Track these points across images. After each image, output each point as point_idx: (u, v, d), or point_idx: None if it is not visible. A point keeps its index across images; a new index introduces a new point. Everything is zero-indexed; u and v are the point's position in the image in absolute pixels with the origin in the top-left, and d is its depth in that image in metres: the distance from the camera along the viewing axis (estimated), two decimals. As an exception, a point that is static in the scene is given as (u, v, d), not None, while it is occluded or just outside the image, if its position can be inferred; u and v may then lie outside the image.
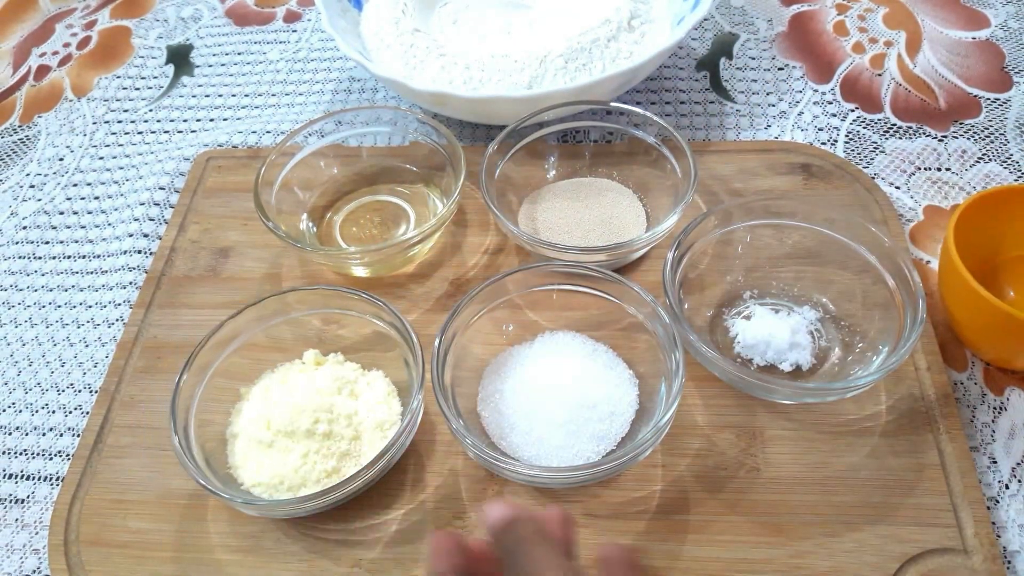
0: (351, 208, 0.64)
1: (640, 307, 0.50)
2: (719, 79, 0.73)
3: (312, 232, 0.62)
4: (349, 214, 0.64)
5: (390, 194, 0.65)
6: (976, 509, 0.46)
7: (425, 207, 0.64)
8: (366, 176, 0.66)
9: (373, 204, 0.65)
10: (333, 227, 0.63)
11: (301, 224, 0.62)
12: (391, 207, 0.64)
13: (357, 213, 0.64)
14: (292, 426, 0.48)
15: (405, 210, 0.64)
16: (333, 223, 0.63)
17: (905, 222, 0.61)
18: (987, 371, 0.53)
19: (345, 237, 0.62)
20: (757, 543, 0.46)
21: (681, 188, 0.57)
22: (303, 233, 0.62)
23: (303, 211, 0.63)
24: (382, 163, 0.66)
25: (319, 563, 0.47)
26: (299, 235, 0.61)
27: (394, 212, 0.64)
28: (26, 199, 0.71)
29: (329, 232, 0.63)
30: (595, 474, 0.45)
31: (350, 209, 0.64)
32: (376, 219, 0.63)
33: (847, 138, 0.67)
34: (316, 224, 0.63)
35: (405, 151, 0.65)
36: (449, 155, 0.60)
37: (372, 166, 0.66)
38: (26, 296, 0.64)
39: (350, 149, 0.65)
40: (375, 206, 0.64)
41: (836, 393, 0.47)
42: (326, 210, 0.64)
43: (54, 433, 0.56)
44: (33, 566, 0.50)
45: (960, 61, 0.72)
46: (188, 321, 0.59)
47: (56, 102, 0.80)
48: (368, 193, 0.65)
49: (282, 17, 0.86)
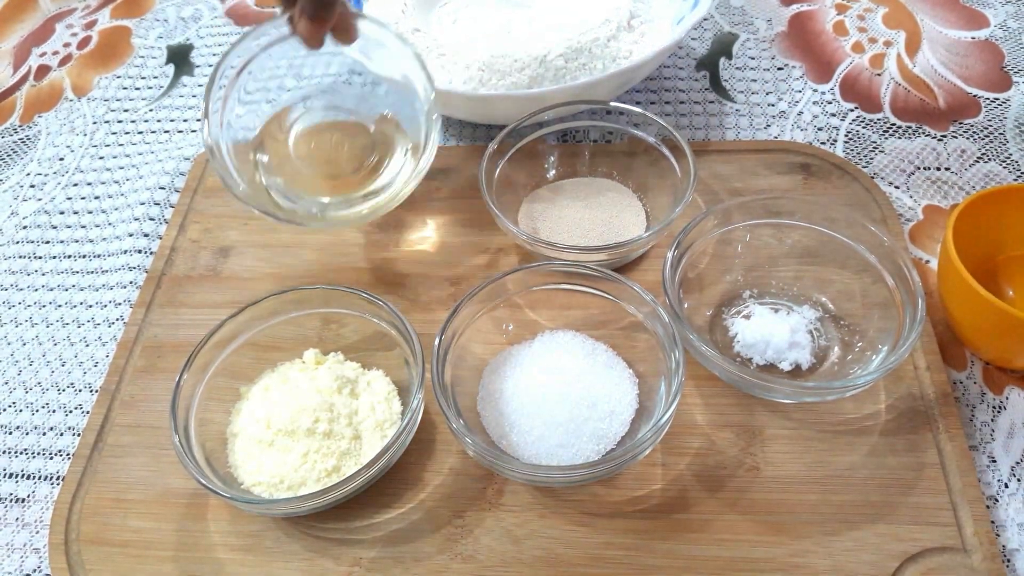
0: (306, 126, 0.56)
1: (640, 306, 0.50)
2: (719, 79, 0.73)
3: (262, 161, 0.54)
4: (304, 133, 0.56)
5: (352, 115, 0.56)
6: (975, 508, 0.46)
7: (390, 146, 0.56)
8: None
9: (333, 124, 0.56)
10: (286, 145, 0.55)
11: (249, 157, 0.54)
12: (353, 130, 0.56)
13: (313, 133, 0.56)
14: (292, 425, 0.48)
15: (368, 133, 0.56)
16: (286, 142, 0.55)
17: (904, 221, 0.61)
18: (986, 370, 0.53)
19: (301, 157, 0.55)
20: (757, 542, 0.46)
21: (681, 188, 0.57)
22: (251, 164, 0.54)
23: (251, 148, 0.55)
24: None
25: (319, 562, 0.47)
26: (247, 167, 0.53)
27: (356, 137, 0.56)
28: (26, 199, 0.71)
29: (285, 162, 0.55)
30: (594, 473, 0.45)
31: (304, 127, 0.56)
32: (337, 139, 0.56)
33: (847, 138, 0.67)
34: (266, 152, 0.55)
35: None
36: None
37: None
38: (26, 296, 0.64)
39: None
40: (335, 126, 0.56)
41: (835, 392, 0.47)
42: (274, 136, 0.55)
43: (54, 432, 0.56)
44: (33, 565, 0.50)
45: (959, 61, 0.72)
46: (188, 321, 0.59)
47: (56, 102, 0.80)
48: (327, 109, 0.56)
49: (282, 17, 0.86)
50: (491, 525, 0.48)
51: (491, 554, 0.47)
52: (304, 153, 0.56)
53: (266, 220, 0.52)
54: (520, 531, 0.47)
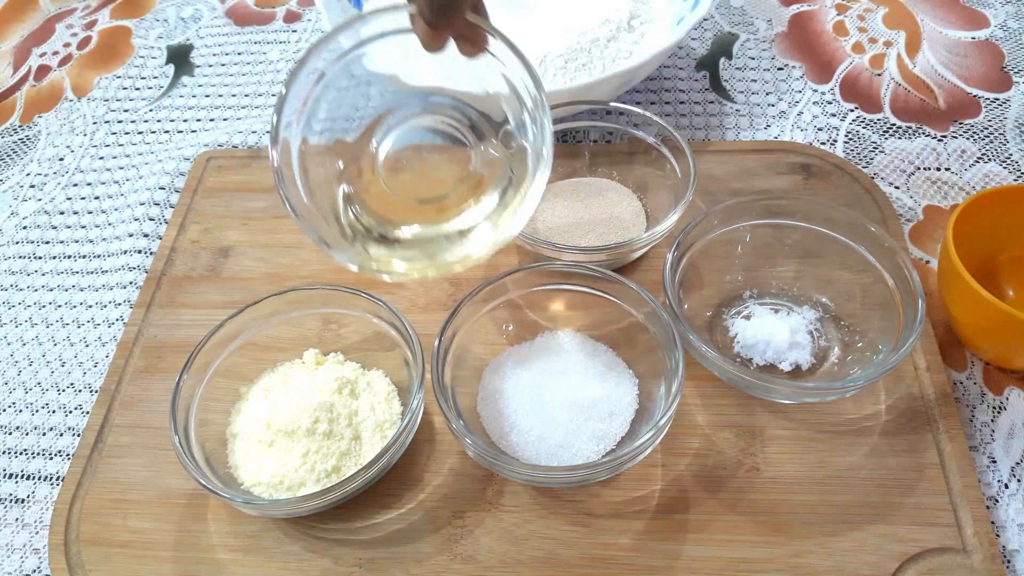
0: (389, 152, 0.47)
1: (640, 307, 0.50)
2: (719, 79, 0.73)
3: (357, 215, 0.46)
4: (390, 164, 0.47)
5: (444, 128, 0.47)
6: (975, 508, 0.46)
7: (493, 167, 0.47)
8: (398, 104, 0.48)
9: (418, 149, 0.48)
10: (377, 183, 0.47)
11: (339, 199, 0.46)
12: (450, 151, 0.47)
13: (398, 163, 0.47)
14: (292, 425, 0.48)
15: (468, 151, 0.47)
16: (375, 179, 0.47)
17: (905, 222, 0.61)
18: (986, 371, 0.53)
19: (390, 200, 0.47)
20: (757, 542, 0.46)
21: (681, 188, 0.57)
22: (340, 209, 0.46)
23: (336, 178, 0.47)
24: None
25: (319, 562, 0.47)
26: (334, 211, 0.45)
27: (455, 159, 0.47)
28: (26, 199, 0.71)
29: (376, 191, 0.47)
30: (594, 474, 0.45)
31: (388, 153, 0.47)
32: (434, 162, 0.47)
33: (847, 138, 0.67)
34: (352, 183, 0.47)
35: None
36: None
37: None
38: (26, 296, 0.64)
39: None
40: (420, 152, 0.48)
41: (835, 392, 0.47)
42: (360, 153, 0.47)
43: (54, 433, 0.56)
44: (33, 566, 0.50)
45: (959, 61, 0.72)
46: (188, 321, 0.59)
47: (56, 102, 0.80)
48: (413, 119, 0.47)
49: (282, 17, 0.86)
50: (491, 525, 0.48)
51: (491, 554, 0.47)
52: (395, 180, 0.47)
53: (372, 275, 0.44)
54: (520, 531, 0.47)
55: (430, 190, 0.48)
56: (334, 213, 0.46)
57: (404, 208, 0.48)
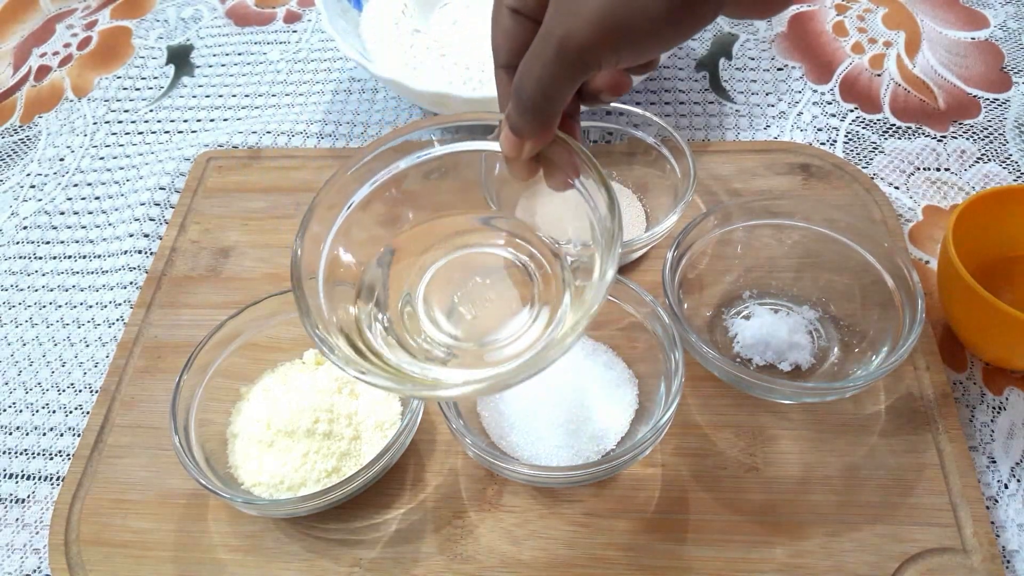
0: (432, 274, 0.41)
1: (640, 307, 0.50)
2: (718, 79, 0.73)
3: (385, 325, 0.39)
4: (431, 282, 0.41)
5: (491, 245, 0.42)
6: (975, 508, 0.46)
7: (549, 279, 0.41)
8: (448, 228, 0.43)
9: (467, 261, 0.42)
10: (416, 315, 0.40)
11: (366, 321, 0.39)
12: (493, 266, 0.42)
13: (442, 280, 0.41)
14: (292, 426, 0.48)
15: (523, 272, 0.41)
16: (415, 304, 0.40)
17: (904, 222, 0.61)
18: (986, 371, 0.53)
19: (431, 316, 0.40)
20: (756, 543, 0.46)
21: (680, 188, 0.57)
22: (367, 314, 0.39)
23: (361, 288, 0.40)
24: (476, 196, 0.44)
25: (319, 563, 0.47)
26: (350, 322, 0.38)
27: (497, 280, 0.41)
28: (26, 199, 0.71)
29: (409, 319, 0.40)
30: (594, 474, 0.45)
31: (431, 275, 0.41)
32: (471, 286, 0.41)
33: (846, 138, 0.67)
34: (382, 308, 0.40)
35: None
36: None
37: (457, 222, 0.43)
38: (26, 296, 0.64)
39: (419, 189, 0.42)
40: (470, 264, 0.42)
41: (835, 393, 0.47)
42: (395, 278, 0.41)
43: (54, 433, 0.56)
44: (33, 566, 0.50)
45: (959, 61, 0.72)
46: (188, 321, 0.59)
47: (56, 102, 0.80)
48: (456, 246, 0.42)
49: (282, 17, 0.86)
50: (491, 526, 0.48)
51: (491, 555, 0.47)
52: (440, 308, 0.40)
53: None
54: (520, 532, 0.47)
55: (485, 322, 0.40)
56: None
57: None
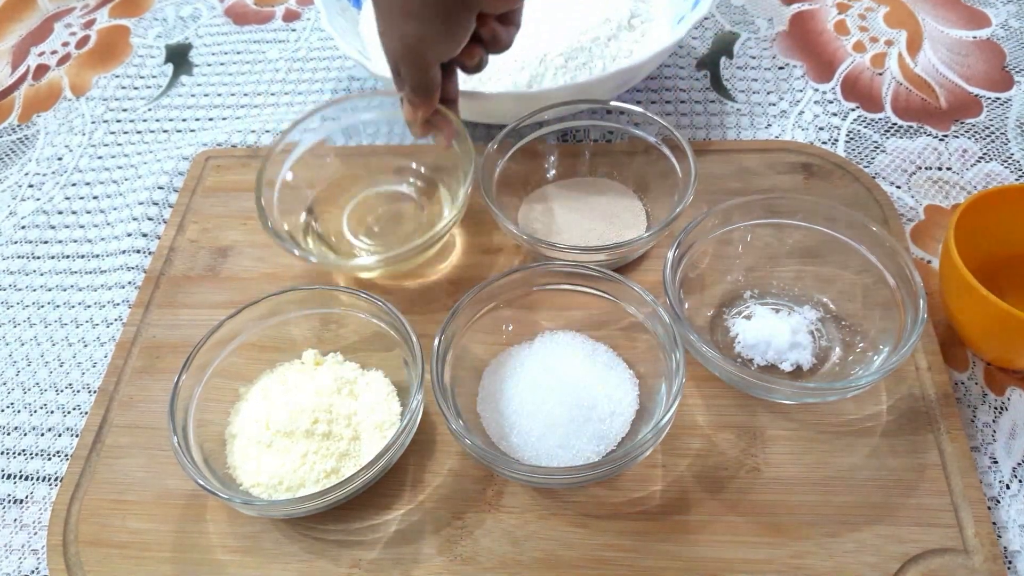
0: (356, 201, 0.63)
1: (640, 307, 0.50)
2: (719, 78, 0.73)
3: (315, 228, 0.61)
4: (354, 207, 0.63)
5: (396, 185, 0.64)
6: (977, 509, 0.46)
7: (434, 202, 0.63)
8: (371, 171, 0.65)
9: (379, 196, 0.64)
10: (340, 220, 0.62)
11: (301, 219, 0.61)
12: (397, 199, 0.64)
13: (362, 207, 0.63)
14: (291, 426, 0.48)
15: (413, 199, 0.63)
16: (339, 216, 0.62)
17: (906, 221, 0.61)
18: (988, 371, 0.53)
19: (352, 229, 0.62)
20: (757, 543, 0.46)
21: (681, 188, 0.57)
22: (302, 225, 0.60)
23: (303, 207, 0.62)
24: (388, 161, 0.65)
25: (318, 563, 0.47)
26: (297, 228, 0.60)
27: (399, 207, 0.63)
28: (25, 199, 0.71)
29: (335, 226, 0.62)
30: (595, 474, 0.45)
31: (356, 202, 0.63)
32: (381, 211, 0.63)
33: (848, 137, 0.67)
34: (318, 219, 0.62)
35: (413, 150, 0.65)
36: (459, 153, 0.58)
37: (377, 163, 0.65)
38: (25, 296, 0.64)
39: (353, 149, 0.64)
40: (382, 199, 0.64)
41: (837, 393, 0.47)
42: (330, 204, 0.63)
43: (53, 433, 0.56)
44: (32, 566, 0.50)
45: (961, 60, 0.72)
46: (187, 321, 0.59)
47: (55, 101, 0.80)
48: (372, 185, 0.64)
49: (281, 16, 0.86)
50: (491, 526, 0.47)
51: (491, 556, 0.46)
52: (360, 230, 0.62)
53: None
54: (520, 532, 0.47)
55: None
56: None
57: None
